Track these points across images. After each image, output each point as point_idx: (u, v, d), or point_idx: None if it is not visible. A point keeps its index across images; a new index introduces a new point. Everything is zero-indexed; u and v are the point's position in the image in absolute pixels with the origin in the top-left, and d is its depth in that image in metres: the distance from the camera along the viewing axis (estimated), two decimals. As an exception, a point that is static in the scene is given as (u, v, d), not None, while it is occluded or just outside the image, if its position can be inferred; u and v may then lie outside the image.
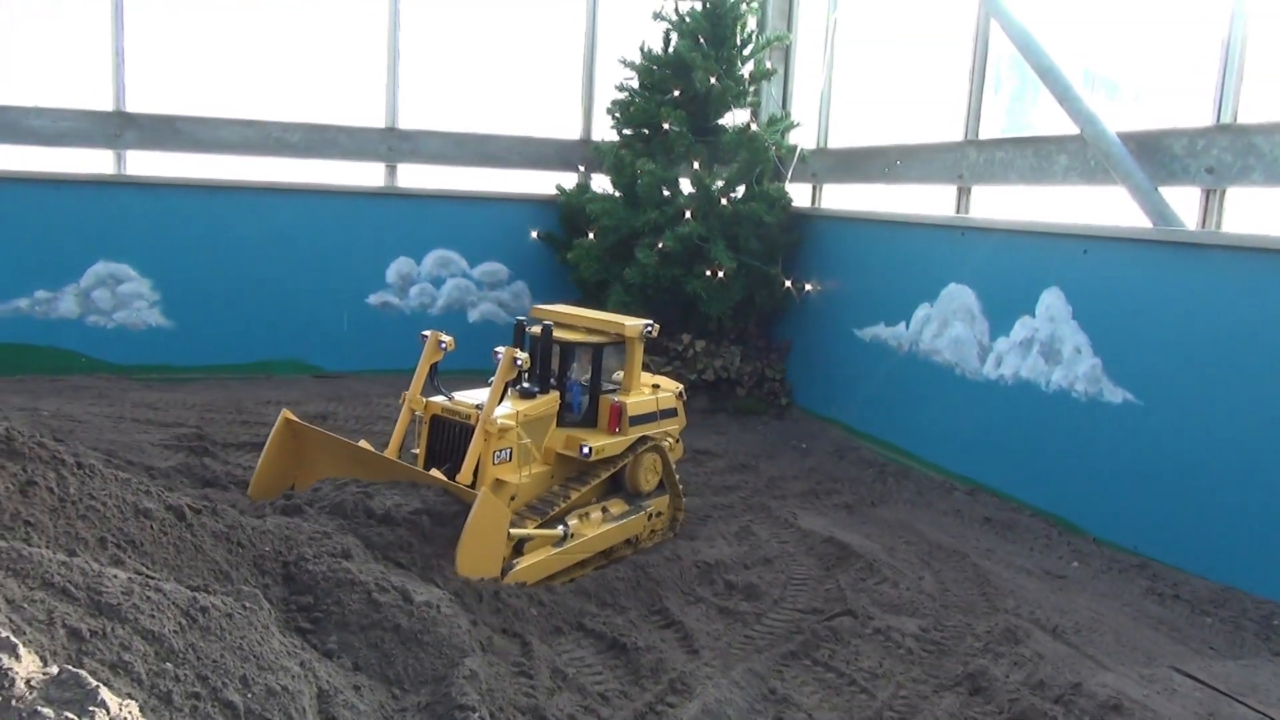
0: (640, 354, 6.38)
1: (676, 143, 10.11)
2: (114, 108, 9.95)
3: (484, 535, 4.93)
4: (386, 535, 4.84)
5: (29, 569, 3.11)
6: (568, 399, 6.12)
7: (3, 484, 3.75)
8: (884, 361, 9.14)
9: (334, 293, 10.41)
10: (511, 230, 10.95)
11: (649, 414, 6.35)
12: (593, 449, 5.85)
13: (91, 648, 3.01)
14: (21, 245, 9.57)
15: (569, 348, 6.17)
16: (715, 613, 5.48)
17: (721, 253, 9.84)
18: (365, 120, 10.69)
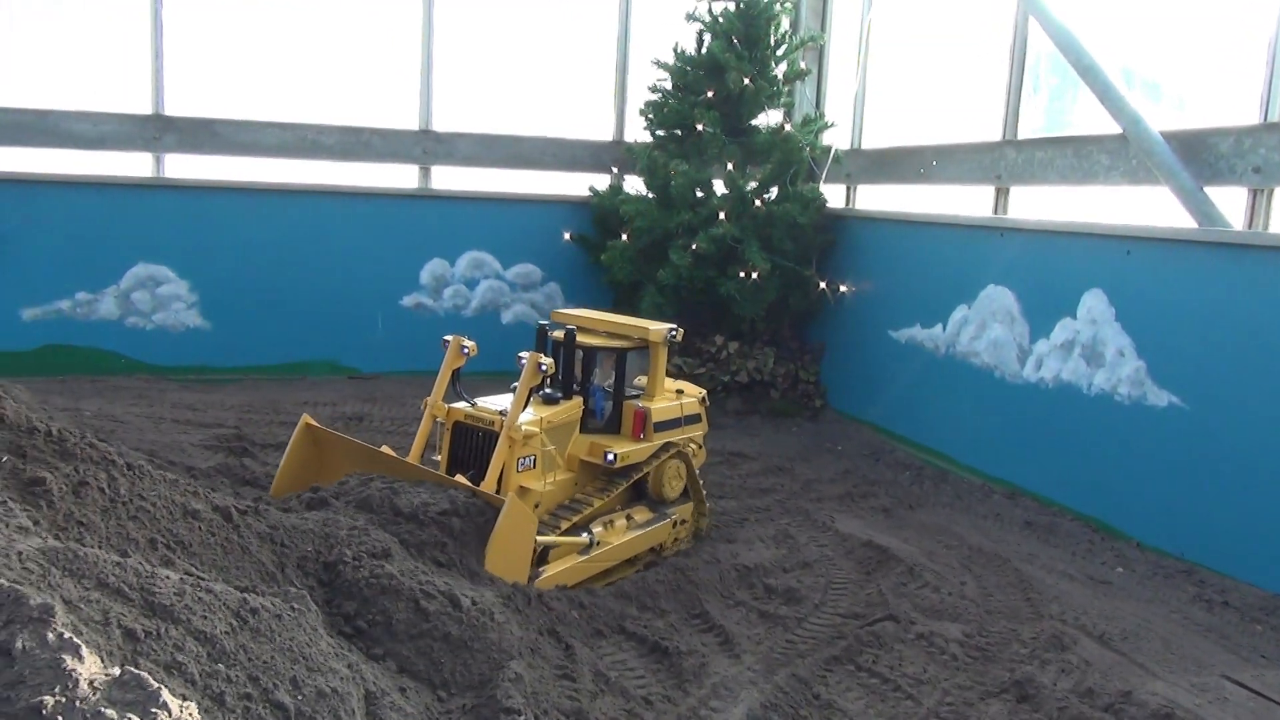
0: (664, 359, 6.30)
1: (710, 144, 10.07)
2: (153, 111, 10.06)
3: (512, 540, 4.88)
4: (417, 534, 4.79)
5: (84, 569, 3.13)
6: (591, 405, 6.03)
7: (56, 484, 3.78)
8: (920, 363, 9.05)
9: (368, 294, 10.47)
10: (544, 232, 10.96)
11: (673, 420, 6.27)
12: (617, 455, 5.77)
13: (146, 648, 3.02)
14: (63, 247, 9.69)
15: (592, 353, 6.07)
16: (756, 616, 5.45)
17: (755, 254, 9.79)
18: (399, 123, 10.74)
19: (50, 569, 3.03)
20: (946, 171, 9.39)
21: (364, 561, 4.38)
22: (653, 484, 6.18)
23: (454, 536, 4.81)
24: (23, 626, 2.33)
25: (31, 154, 9.81)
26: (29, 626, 2.34)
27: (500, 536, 4.82)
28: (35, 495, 3.76)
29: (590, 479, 5.95)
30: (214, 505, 4.33)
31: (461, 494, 4.99)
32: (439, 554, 4.81)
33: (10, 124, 9.68)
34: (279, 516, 4.57)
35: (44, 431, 4.06)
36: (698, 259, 9.87)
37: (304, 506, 4.96)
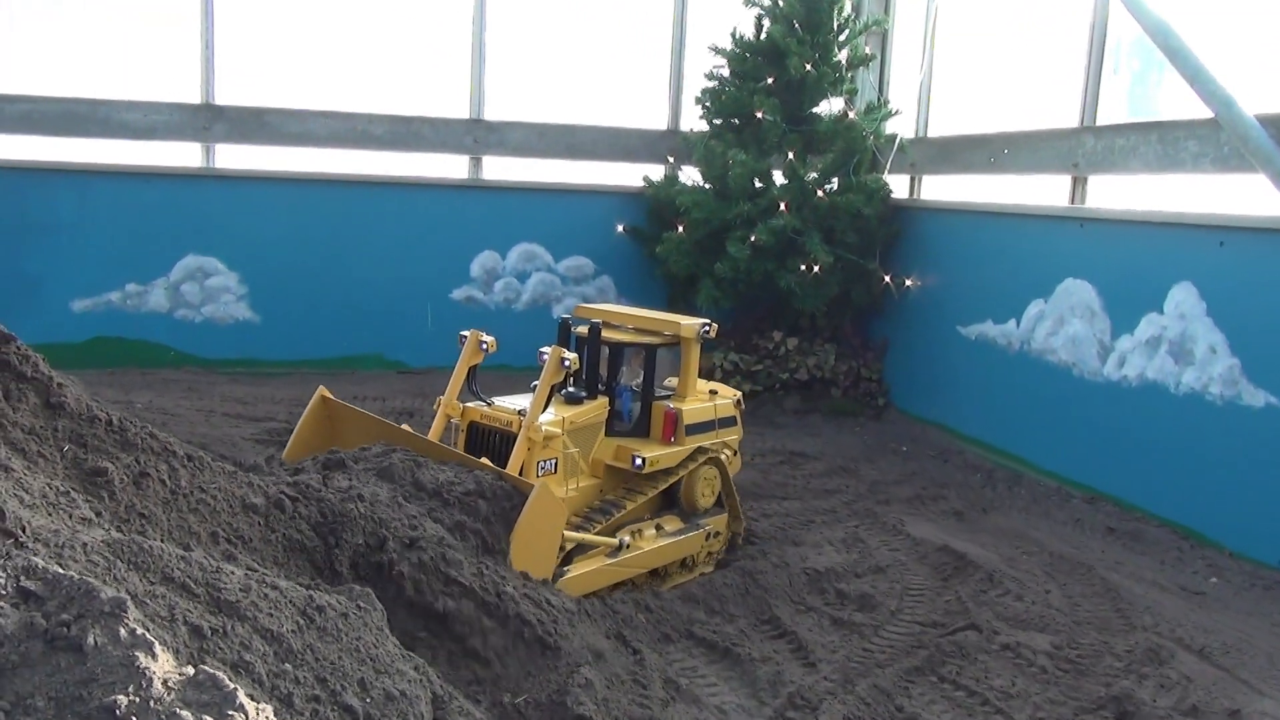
0: (697, 356, 5.99)
1: (769, 132, 9.92)
2: (203, 100, 10.11)
3: (539, 531, 4.61)
4: (441, 515, 4.47)
5: (150, 563, 3.07)
6: (617, 406, 5.72)
7: (118, 475, 3.73)
8: (992, 361, 8.82)
9: (418, 287, 10.45)
10: (597, 223, 10.87)
11: (706, 423, 5.94)
12: (646, 460, 5.46)
13: (213, 646, 2.94)
14: (113, 238, 9.78)
15: (619, 349, 5.77)
16: (829, 623, 5.31)
17: (816, 246, 9.62)
18: (450, 111, 10.71)
19: (115, 562, 2.96)
20: (1019, 160, 9.14)
21: (427, 555, 4.26)
22: (684, 492, 5.85)
23: (480, 519, 4.54)
24: (94, 621, 2.26)
25: (83, 144, 9.92)
26: (100, 621, 2.26)
27: (526, 525, 4.53)
28: (97, 486, 3.71)
29: (616, 485, 5.65)
30: (269, 497, 4.24)
31: (488, 476, 4.70)
32: (481, 540, 4.56)
33: (62, 114, 9.79)
34: (331, 503, 4.39)
35: (105, 421, 4.02)
36: (756, 251, 9.72)
37: (320, 467, 4.66)
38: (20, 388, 3.88)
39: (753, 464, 8.30)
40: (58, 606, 2.29)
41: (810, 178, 9.94)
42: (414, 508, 4.55)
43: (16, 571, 2.35)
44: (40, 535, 2.92)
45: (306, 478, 4.48)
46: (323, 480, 4.46)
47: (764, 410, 9.93)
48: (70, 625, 2.24)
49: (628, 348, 5.81)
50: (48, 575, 2.37)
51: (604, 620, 4.74)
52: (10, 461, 3.37)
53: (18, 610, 2.26)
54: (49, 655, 2.19)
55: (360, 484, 4.46)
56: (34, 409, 3.93)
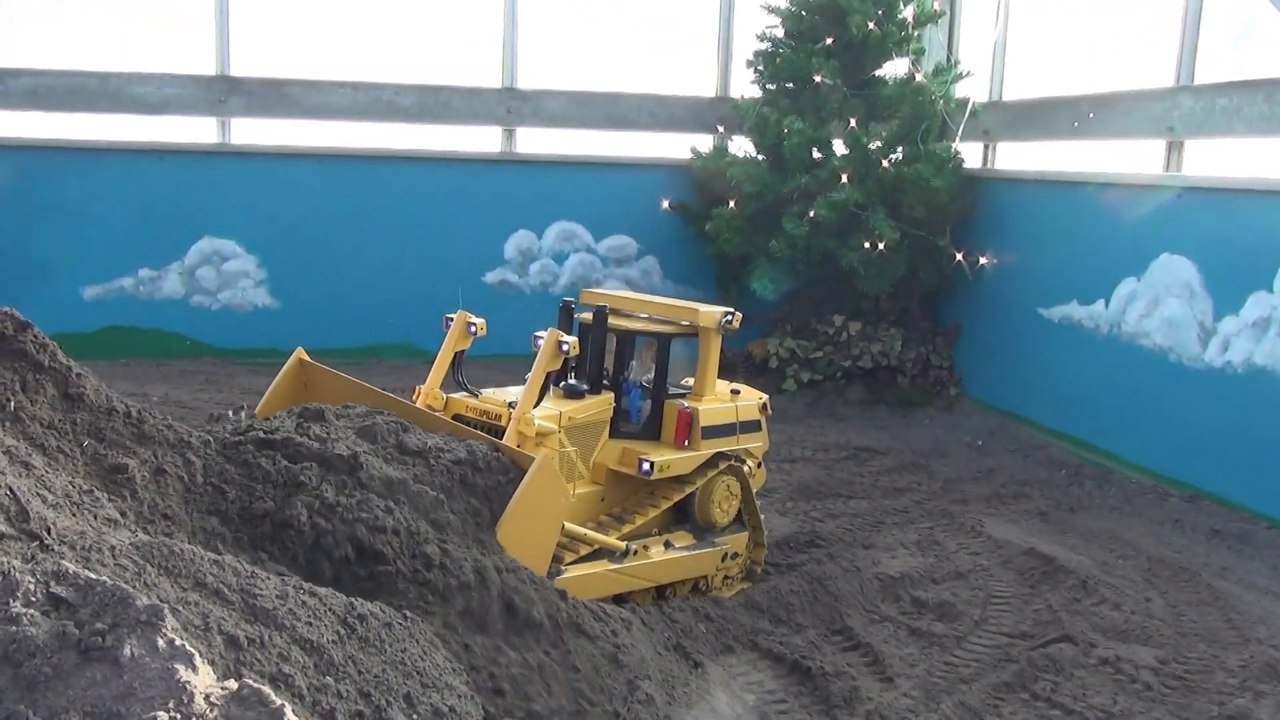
0: (717, 350, 5.65)
1: (829, 97, 9.80)
2: (218, 72, 10.17)
3: (537, 511, 4.31)
4: (426, 479, 4.18)
5: (181, 567, 3.06)
6: (624, 404, 5.47)
7: (139, 472, 3.74)
8: (1077, 346, 8.66)
9: (448, 270, 10.44)
10: (641, 200, 10.80)
11: (726, 425, 5.60)
12: (655, 465, 5.15)
13: (249, 657, 2.93)
14: (124, 221, 9.88)
15: (628, 339, 5.54)
16: (906, 634, 5.24)
17: (881, 222, 9.50)
18: (481, 80, 10.69)
19: (145, 566, 2.96)
20: (1106, 124, 8.94)
21: (450, 558, 4.16)
22: (699, 505, 5.52)
23: (472, 492, 4.26)
24: (130, 630, 2.24)
25: (91, 120, 10.02)
26: (136, 631, 2.25)
27: (524, 503, 4.21)
28: (118, 484, 3.73)
29: (620, 494, 5.36)
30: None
31: (482, 446, 4.42)
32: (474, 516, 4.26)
33: (70, 88, 9.89)
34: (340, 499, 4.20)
35: (123, 413, 4.03)
36: (815, 228, 9.61)
37: (296, 418, 4.46)
38: (38, 378, 3.90)
39: (814, 460, 8.24)
40: (91, 614, 2.28)
41: (874, 147, 9.81)
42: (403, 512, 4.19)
43: (46, 576, 2.34)
44: (66, 537, 2.93)
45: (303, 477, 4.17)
46: (297, 429, 4.28)
47: (825, 402, 9.84)
48: (105, 635, 2.22)
49: (638, 337, 5.59)
50: (79, 581, 2.36)
51: (660, 629, 4.71)
52: (31, 458, 3.38)
53: (49, 619, 2.25)
54: (83, 667, 2.18)
55: (338, 436, 4.25)
56: (52, 400, 3.94)
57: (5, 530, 2.72)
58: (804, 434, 8.92)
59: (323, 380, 5.19)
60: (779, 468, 8.01)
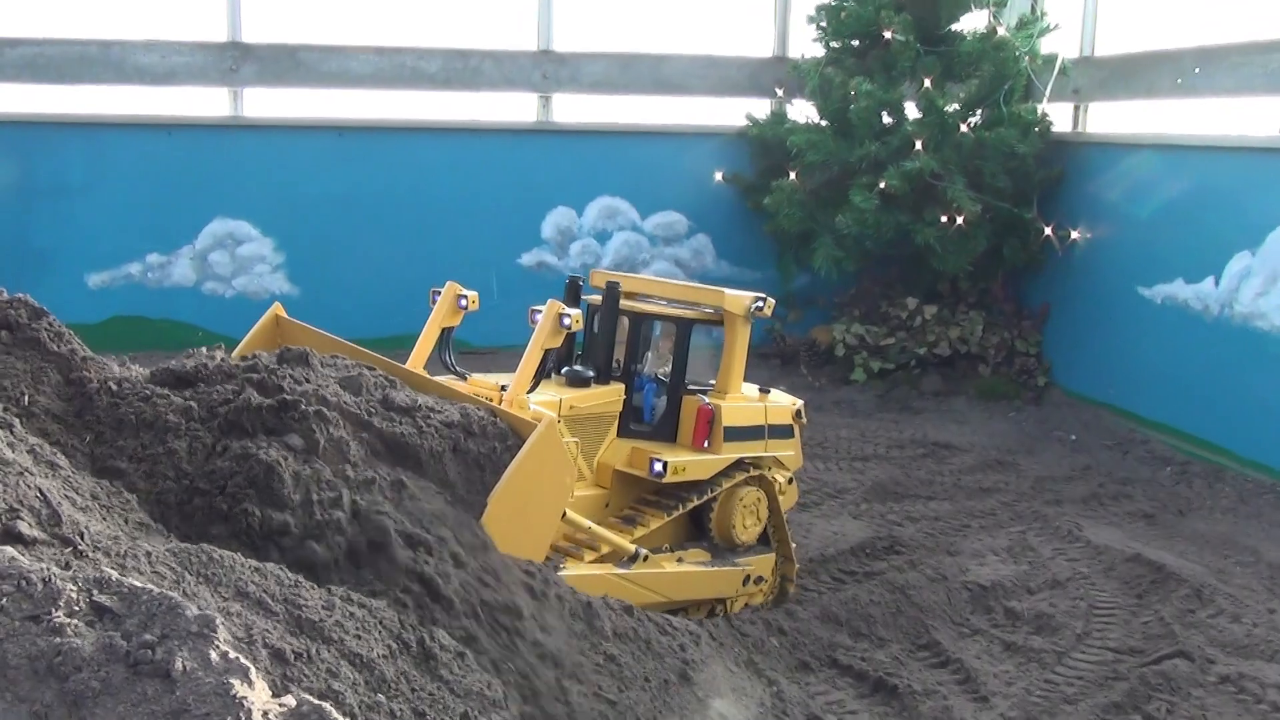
0: (745, 341, 5.45)
1: (900, 55, 9.73)
2: (229, 38, 10.28)
3: (534, 487, 4.13)
4: (415, 441, 4.03)
5: (220, 575, 3.11)
6: (636, 400, 5.30)
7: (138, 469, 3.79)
8: (1182, 329, 8.56)
9: (481, 252, 10.50)
10: (691, 172, 10.79)
11: (753, 428, 5.41)
12: (669, 465, 4.99)
13: (296, 672, 2.97)
14: (131, 201, 10.02)
15: (643, 323, 5.37)
16: (1000, 649, 5.23)
17: (960, 193, 9.43)
18: (514, 43, 10.71)
19: (184, 574, 3.01)
20: (1214, 81, 8.80)
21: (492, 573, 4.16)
22: (717, 518, 5.31)
23: (462, 460, 4.08)
24: (181, 643, 2.28)
25: (95, 92, 10.17)
26: (188, 643, 2.28)
27: (521, 474, 4.03)
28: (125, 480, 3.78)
29: (627, 499, 5.17)
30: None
31: (478, 410, 4.25)
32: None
33: (71, 57, 10.04)
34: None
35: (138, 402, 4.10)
36: (886, 201, 9.57)
37: (276, 361, 4.27)
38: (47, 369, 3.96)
39: (888, 458, 8.22)
40: (138, 625, 2.32)
41: (951, 110, 9.74)
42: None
43: (88, 584, 2.38)
44: (100, 543, 2.98)
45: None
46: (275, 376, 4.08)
47: (897, 393, 9.81)
48: (154, 647, 2.26)
49: (656, 322, 5.42)
50: (123, 589, 2.40)
51: (730, 644, 4.72)
52: (56, 457, 3.45)
53: (94, 629, 2.30)
54: (133, 681, 2.22)
55: (320, 383, 4.11)
56: (63, 392, 4.01)
57: (37, 535, 2.77)
58: (876, 429, 8.90)
59: (302, 340, 4.91)
60: (849, 466, 8.02)
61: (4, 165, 9.86)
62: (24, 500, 2.89)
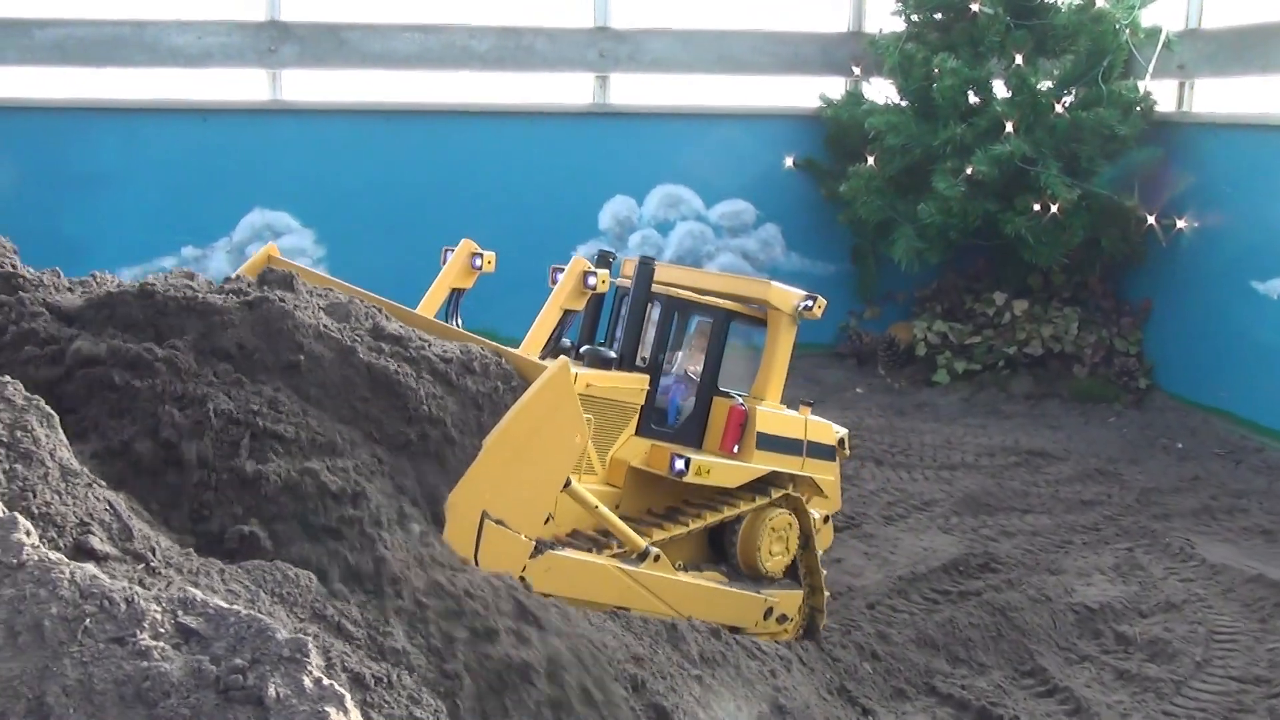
0: (790, 343, 5.31)
1: (989, 29, 9.66)
2: (268, 17, 10.39)
3: (537, 437, 3.93)
4: (404, 376, 3.83)
5: (296, 595, 3.15)
6: (659, 402, 5.13)
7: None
8: (1302, 327, 8.45)
9: (535, 243, 10.47)
10: (760, 157, 10.77)
11: (790, 441, 5.24)
12: (692, 463, 4.78)
13: (377, 698, 3.01)
14: (166, 191, 10.16)
15: (678, 309, 5.20)
16: (1111, 677, 5.20)
17: (1054, 179, 9.34)
18: (569, 19, 10.75)
19: (259, 593, 3.05)
20: (1338, 55, 8.67)
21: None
22: (742, 539, 5.05)
23: (458, 397, 3.87)
24: (272, 668, 2.31)
25: (127, 75, 10.32)
26: (280, 668, 2.32)
27: (525, 417, 3.86)
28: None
29: (641, 502, 4.97)
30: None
31: (479, 348, 4.08)
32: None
33: (104, 39, 10.19)
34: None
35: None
36: (973, 188, 9.49)
37: (259, 284, 4.18)
38: None
39: (978, 466, 8.17)
40: (226, 649, 2.36)
41: (1044, 88, 9.65)
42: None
43: (172, 605, 2.43)
44: (170, 559, 3.03)
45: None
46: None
47: (984, 396, 9.74)
48: (245, 673, 2.30)
49: (692, 311, 5.26)
50: (208, 610, 2.45)
51: (821, 670, 4.71)
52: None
53: (180, 653, 2.34)
54: (225, 709, 2.26)
55: (300, 304, 3.98)
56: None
57: (109, 550, 2.83)
58: (963, 435, 8.83)
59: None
60: (936, 476, 7.98)
61: (34, 152, 10.03)
62: (94, 513, 2.95)
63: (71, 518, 2.89)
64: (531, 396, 3.90)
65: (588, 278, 4.70)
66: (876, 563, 6.37)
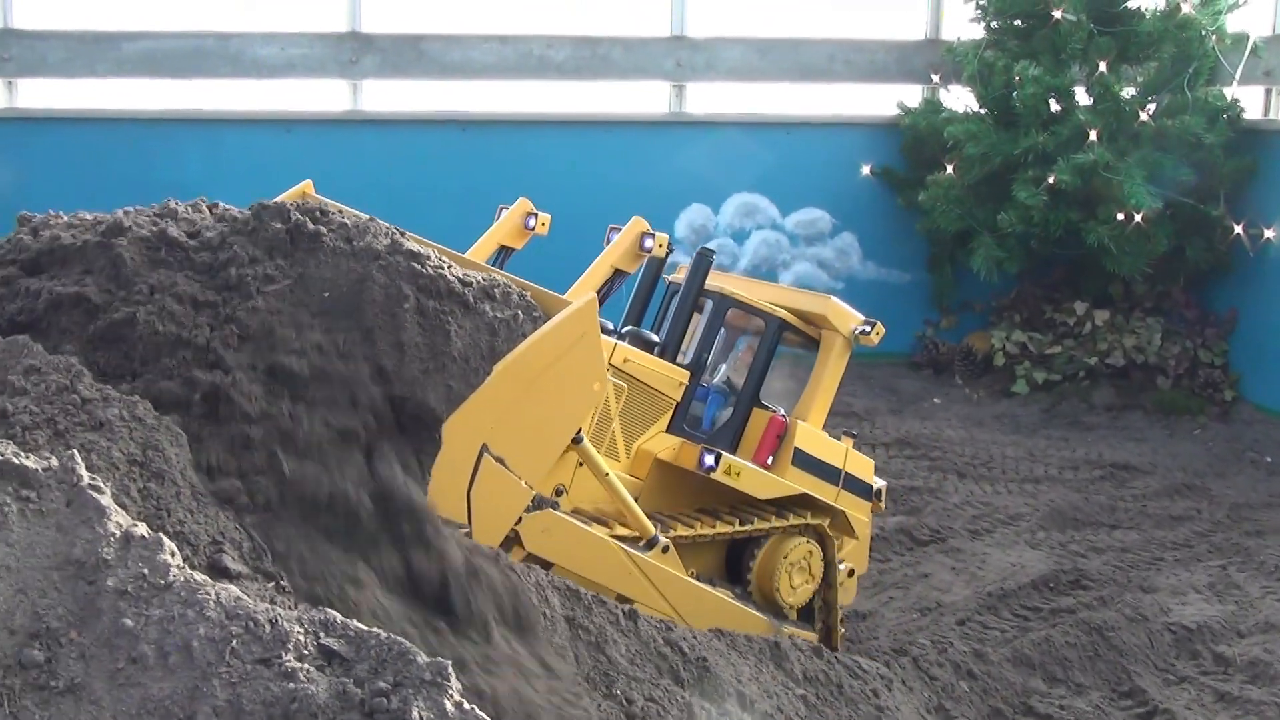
0: (841, 367, 5.18)
1: (1071, 36, 9.55)
2: (349, 28, 10.53)
3: (554, 373, 3.75)
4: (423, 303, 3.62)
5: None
6: (696, 410, 4.96)
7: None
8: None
9: (610, 252, 10.57)
10: (836, 166, 10.73)
11: (828, 466, 5.05)
12: (721, 460, 4.59)
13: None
14: (250, 201, 10.19)
15: (730, 309, 5.02)
16: (1211, 699, 5.10)
17: (1138, 188, 9.19)
18: (646, 29, 10.77)
19: (405, 625, 3.08)
20: None
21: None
22: (760, 563, 4.81)
23: (474, 319, 3.69)
24: (415, 691, 2.35)
25: (213, 86, 10.51)
26: (422, 691, 2.36)
27: (543, 347, 3.69)
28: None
29: (663, 499, 4.74)
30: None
31: (504, 278, 3.97)
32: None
33: (189, 51, 10.39)
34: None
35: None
36: (1055, 197, 9.40)
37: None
38: None
39: (1062, 479, 8.09)
40: (369, 671, 2.40)
41: (1128, 96, 9.55)
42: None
43: (314, 626, 2.47)
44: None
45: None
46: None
47: (1065, 407, 9.62)
48: (389, 695, 2.34)
49: (749, 314, 5.09)
50: (349, 632, 2.48)
51: (920, 689, 4.69)
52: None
53: (325, 675, 2.38)
54: (371, 732, 2.30)
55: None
56: None
57: (242, 570, 2.89)
58: (1045, 447, 8.74)
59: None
60: (1019, 489, 7.90)
61: (123, 162, 10.21)
62: (225, 532, 3.01)
63: (204, 536, 2.96)
64: (553, 326, 3.74)
65: (645, 239, 4.63)
66: (965, 578, 6.31)
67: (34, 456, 2.68)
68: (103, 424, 3.05)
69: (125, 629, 2.38)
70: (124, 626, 2.38)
